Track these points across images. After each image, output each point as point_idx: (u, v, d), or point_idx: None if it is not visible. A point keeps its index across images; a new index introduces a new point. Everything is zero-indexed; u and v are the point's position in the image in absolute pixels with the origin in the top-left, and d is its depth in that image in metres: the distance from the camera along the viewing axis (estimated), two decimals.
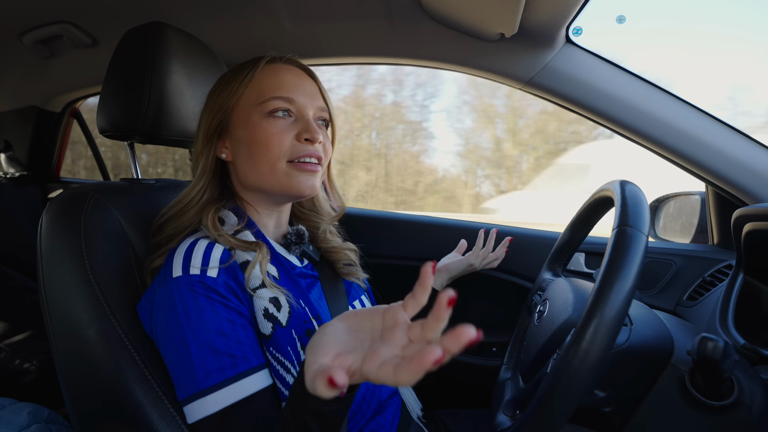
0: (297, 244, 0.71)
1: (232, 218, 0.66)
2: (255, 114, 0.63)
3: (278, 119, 0.63)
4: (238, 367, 0.55)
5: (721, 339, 0.47)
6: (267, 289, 0.60)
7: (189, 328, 0.54)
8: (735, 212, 0.76)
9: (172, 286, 0.56)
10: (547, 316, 0.68)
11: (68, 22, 1.13)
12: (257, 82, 0.65)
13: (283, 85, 0.64)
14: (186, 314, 0.55)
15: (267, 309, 0.59)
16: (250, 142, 0.64)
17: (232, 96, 0.65)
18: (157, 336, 0.58)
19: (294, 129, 0.64)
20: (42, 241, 0.64)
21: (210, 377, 0.53)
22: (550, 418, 0.47)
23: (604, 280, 0.46)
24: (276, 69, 0.66)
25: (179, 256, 0.59)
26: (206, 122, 0.67)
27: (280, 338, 0.59)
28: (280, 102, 0.63)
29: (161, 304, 0.57)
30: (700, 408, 0.52)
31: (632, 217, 0.51)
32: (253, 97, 0.64)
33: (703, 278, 0.98)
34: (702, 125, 0.90)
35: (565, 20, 0.84)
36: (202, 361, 0.53)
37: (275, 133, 0.63)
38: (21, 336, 1.36)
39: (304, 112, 0.65)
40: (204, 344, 0.54)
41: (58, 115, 1.57)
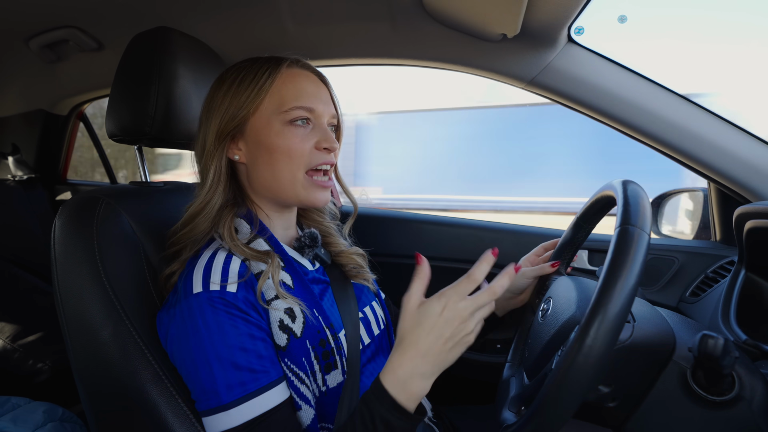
0: (311, 247, 0.71)
1: (245, 226, 0.66)
2: (276, 121, 0.64)
3: (299, 128, 0.64)
4: (260, 382, 0.55)
5: (721, 336, 0.48)
6: (281, 300, 0.61)
7: (210, 344, 0.55)
8: (737, 210, 0.76)
9: (193, 302, 0.57)
10: (551, 313, 0.69)
11: (74, 27, 1.14)
12: (277, 89, 0.64)
13: (303, 94, 0.65)
14: (207, 330, 0.55)
15: (282, 320, 0.60)
16: (272, 149, 0.64)
17: (251, 100, 0.64)
18: (174, 349, 0.59)
19: (313, 137, 0.65)
20: (56, 244, 0.65)
21: (232, 392, 0.54)
22: (555, 414, 0.48)
23: (607, 278, 0.47)
24: (295, 75, 0.66)
25: (199, 271, 0.59)
26: (218, 123, 0.65)
27: (294, 349, 0.60)
28: (301, 111, 0.64)
29: (181, 319, 0.57)
30: (702, 403, 0.53)
31: (634, 215, 0.52)
32: (274, 104, 0.64)
33: (706, 274, 0.99)
34: (704, 122, 0.91)
35: (567, 20, 0.85)
36: (225, 377, 0.54)
37: (297, 142, 0.64)
38: (34, 336, 1.38)
39: (321, 120, 0.66)
40: (225, 360, 0.55)
41: (64, 118, 1.59)
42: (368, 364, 0.70)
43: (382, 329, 0.76)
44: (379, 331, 0.75)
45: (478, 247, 1.25)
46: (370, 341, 0.72)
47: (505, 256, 1.20)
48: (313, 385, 0.61)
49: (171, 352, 0.60)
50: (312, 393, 0.61)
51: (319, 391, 0.62)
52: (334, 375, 0.63)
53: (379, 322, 0.76)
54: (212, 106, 0.66)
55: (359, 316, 0.71)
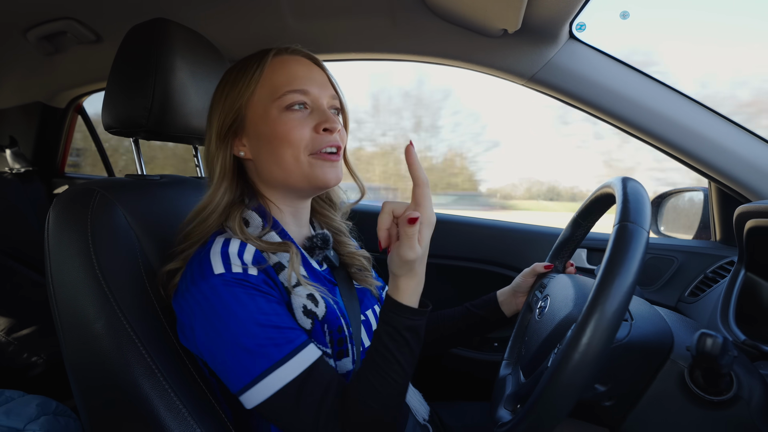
0: (321, 248, 0.70)
1: (256, 219, 0.65)
2: (272, 109, 0.63)
3: (295, 112, 0.63)
4: (302, 337, 0.57)
5: (720, 335, 0.48)
6: (303, 287, 0.61)
7: (247, 314, 0.55)
8: (737, 209, 0.76)
9: (216, 282, 0.56)
10: (548, 311, 0.68)
11: (72, 19, 1.14)
12: (268, 77, 0.64)
13: (295, 78, 0.64)
14: (239, 303, 0.55)
15: (306, 306, 0.61)
16: (271, 137, 0.63)
17: (243, 93, 0.64)
18: (204, 331, 0.56)
19: (312, 120, 0.64)
20: (49, 237, 0.65)
21: (282, 348, 0.55)
22: (550, 412, 0.48)
23: (605, 276, 0.47)
24: (285, 61, 0.65)
25: (216, 254, 0.59)
26: (218, 121, 0.65)
27: (319, 331, 0.61)
28: (296, 95, 0.63)
29: (205, 299, 0.56)
30: (699, 403, 0.52)
31: (633, 213, 0.51)
32: (266, 93, 0.64)
33: (705, 274, 0.98)
34: (705, 121, 0.90)
35: (568, 16, 0.84)
36: (269, 338, 0.55)
37: (295, 126, 0.63)
38: (29, 330, 1.37)
39: (319, 102, 0.65)
40: (266, 324, 0.55)
41: (62, 111, 1.58)
42: None
43: None
44: None
45: (477, 245, 1.25)
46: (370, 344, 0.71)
47: (508, 254, 1.21)
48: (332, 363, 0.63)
49: (201, 336, 0.57)
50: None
51: None
52: (345, 362, 0.64)
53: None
54: (213, 106, 0.67)
55: (361, 318, 0.71)
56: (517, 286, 0.87)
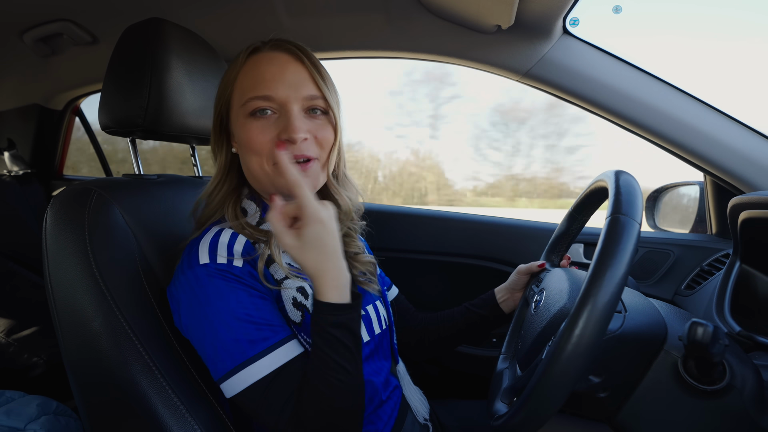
0: None
1: (252, 207, 0.67)
2: (241, 115, 0.62)
3: (259, 119, 0.60)
4: (279, 335, 0.57)
5: (710, 324, 0.48)
6: (291, 280, 0.62)
7: (226, 307, 0.55)
8: (731, 201, 0.76)
9: (201, 271, 0.57)
10: (543, 305, 0.69)
11: (68, 20, 1.14)
12: (240, 81, 0.63)
13: (260, 81, 0.60)
14: (220, 295, 0.56)
15: (295, 298, 0.61)
16: (241, 143, 0.64)
17: (224, 96, 0.65)
18: (190, 319, 0.58)
19: (276, 127, 0.60)
20: (47, 236, 0.65)
21: (256, 346, 0.55)
22: (544, 404, 0.48)
23: (597, 268, 0.47)
24: (257, 61, 0.62)
25: (205, 245, 0.60)
26: (215, 118, 0.68)
27: (309, 325, 0.61)
28: (258, 101, 0.60)
29: (190, 288, 0.57)
30: (693, 392, 0.53)
31: (625, 205, 0.52)
32: (237, 98, 0.63)
33: (701, 267, 0.99)
34: (699, 114, 0.90)
35: (561, 11, 0.84)
36: (246, 333, 0.55)
37: (257, 134, 0.60)
38: (29, 331, 1.38)
39: (288, 107, 0.60)
40: (244, 319, 0.55)
41: (59, 113, 1.58)
42: (365, 362, 0.69)
43: (383, 329, 0.75)
44: (380, 331, 0.74)
45: (473, 241, 1.25)
46: (370, 339, 0.71)
47: (502, 250, 1.21)
48: None
49: (185, 324, 0.59)
50: None
51: None
52: None
53: (381, 321, 0.75)
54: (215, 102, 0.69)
55: (361, 314, 0.71)
56: (513, 283, 0.87)
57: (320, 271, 0.55)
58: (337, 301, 0.56)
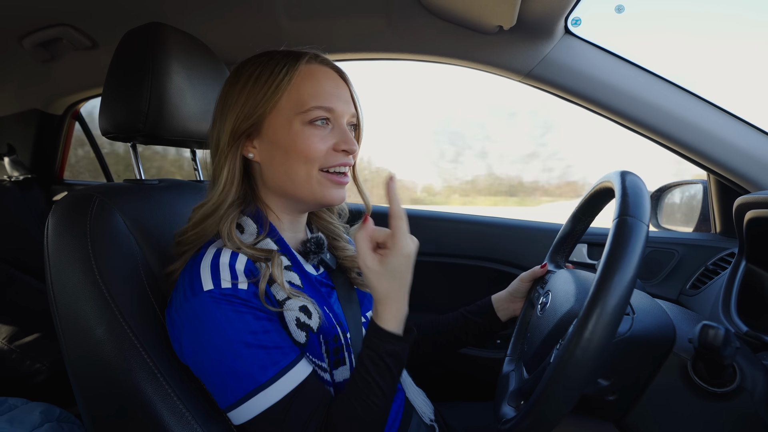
0: (315, 253, 0.70)
1: (251, 225, 0.64)
2: (296, 121, 0.61)
3: (318, 128, 0.62)
4: (289, 357, 0.56)
5: (722, 326, 0.48)
6: (294, 300, 0.60)
7: (234, 333, 0.54)
8: (737, 200, 0.76)
9: (205, 299, 0.55)
10: (549, 307, 0.68)
11: (67, 25, 1.14)
12: (296, 87, 0.62)
13: (323, 93, 0.62)
14: (228, 321, 0.55)
15: (299, 318, 0.60)
16: (290, 148, 0.62)
17: (269, 99, 0.61)
18: (193, 348, 0.57)
19: (332, 138, 0.63)
20: (49, 243, 0.65)
21: (266, 371, 0.54)
22: (554, 408, 0.48)
23: (605, 270, 0.47)
24: (314, 72, 0.63)
25: (206, 268, 0.58)
26: (234, 121, 0.62)
27: (314, 344, 0.61)
28: (321, 112, 0.62)
29: (195, 316, 0.56)
30: (703, 395, 0.52)
31: (633, 206, 0.51)
32: (292, 102, 0.62)
33: (706, 267, 0.98)
34: (702, 113, 0.90)
35: (563, 11, 0.84)
36: (255, 359, 0.54)
37: (316, 143, 0.62)
38: (31, 337, 1.37)
39: (341, 120, 0.64)
40: (253, 344, 0.55)
41: (59, 118, 1.58)
42: None
43: None
44: None
45: (476, 242, 1.25)
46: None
47: (505, 251, 1.21)
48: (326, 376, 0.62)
49: (188, 352, 0.57)
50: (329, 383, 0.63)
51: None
52: (342, 371, 0.63)
53: None
54: (227, 104, 0.64)
55: (362, 320, 0.71)
56: (515, 290, 0.86)
57: (389, 300, 0.59)
58: (395, 330, 0.59)
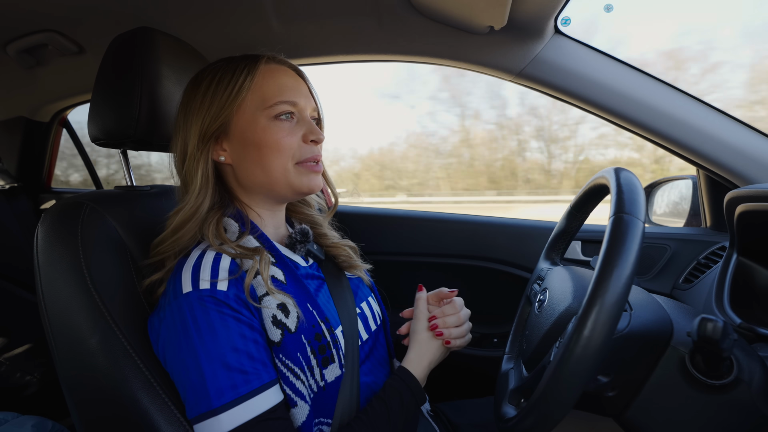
0: (302, 242, 0.71)
1: (233, 225, 0.65)
2: (262, 117, 0.63)
3: (284, 122, 0.64)
4: (251, 384, 0.54)
5: (720, 319, 0.48)
6: (272, 297, 0.60)
7: (200, 345, 0.54)
8: (727, 194, 0.77)
9: (182, 302, 0.55)
10: (547, 305, 0.69)
11: (53, 31, 1.12)
12: (258, 85, 0.64)
13: (285, 89, 0.65)
14: (197, 330, 0.54)
15: (275, 316, 0.59)
16: (260, 145, 0.63)
17: (233, 99, 0.63)
18: (166, 353, 0.57)
19: (299, 130, 0.65)
20: (39, 252, 0.63)
21: (223, 395, 0.53)
22: (556, 406, 0.48)
23: (604, 268, 0.47)
24: (274, 71, 0.66)
25: (188, 270, 0.58)
26: (200, 125, 0.63)
27: (289, 345, 0.59)
28: (286, 106, 0.64)
29: (171, 321, 0.56)
30: (701, 387, 0.53)
31: (628, 203, 0.51)
32: (257, 100, 0.64)
33: (698, 261, 1.00)
34: (691, 110, 0.91)
35: (553, 11, 0.85)
36: (215, 379, 0.53)
37: (284, 136, 0.64)
38: (21, 349, 1.35)
39: (305, 114, 0.67)
40: (216, 360, 0.53)
41: (46, 125, 1.55)
42: (366, 361, 0.70)
43: (378, 324, 0.76)
44: (376, 327, 0.75)
45: (472, 242, 1.25)
46: (368, 337, 0.72)
47: (501, 250, 1.21)
48: (310, 380, 0.61)
49: (163, 357, 0.58)
50: (308, 388, 0.61)
51: (317, 386, 0.61)
52: (332, 369, 0.62)
53: (375, 317, 0.76)
54: (190, 109, 0.65)
55: (357, 311, 0.71)
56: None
57: (433, 364, 0.70)
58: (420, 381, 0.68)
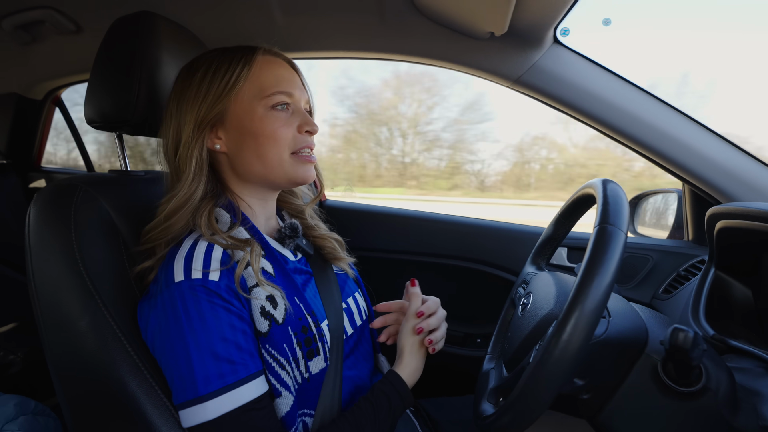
0: (291, 237, 0.72)
1: (225, 215, 0.65)
2: (259, 107, 0.64)
3: (280, 112, 0.66)
4: (238, 374, 0.55)
5: (691, 330, 0.50)
6: (261, 288, 0.61)
7: (190, 333, 0.54)
8: (708, 210, 0.79)
9: (174, 291, 0.56)
10: (530, 308, 0.71)
11: (51, 8, 1.10)
12: (255, 75, 0.65)
13: (282, 80, 0.66)
14: (188, 318, 0.55)
15: (264, 307, 0.60)
16: (257, 134, 0.64)
17: (231, 87, 0.64)
18: (155, 340, 0.58)
19: (294, 121, 0.67)
20: (30, 233, 0.63)
21: (210, 383, 0.54)
22: (531, 405, 0.50)
23: (585, 275, 0.49)
24: (270, 62, 0.67)
25: (180, 259, 0.59)
26: (196, 113, 0.63)
27: (276, 336, 0.60)
28: (282, 96, 0.66)
29: (162, 309, 0.56)
30: (671, 394, 0.55)
31: (613, 215, 0.53)
32: (254, 90, 0.65)
33: (678, 272, 1.03)
34: (681, 126, 0.94)
35: (553, 21, 0.86)
36: (203, 367, 0.54)
37: (281, 126, 0.65)
38: (5, 328, 1.33)
39: (299, 105, 0.68)
40: (205, 349, 0.54)
41: (39, 103, 1.53)
42: (351, 355, 0.71)
43: (364, 320, 0.78)
44: (362, 322, 0.77)
45: (462, 243, 1.27)
46: (353, 332, 0.73)
47: (490, 252, 1.24)
48: (295, 371, 0.62)
49: (151, 343, 0.59)
50: (293, 380, 0.62)
51: (301, 378, 0.62)
52: (317, 361, 0.64)
53: (361, 312, 0.78)
54: (185, 96, 0.65)
55: (343, 306, 0.72)
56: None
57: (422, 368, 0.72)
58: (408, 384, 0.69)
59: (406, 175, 4.89)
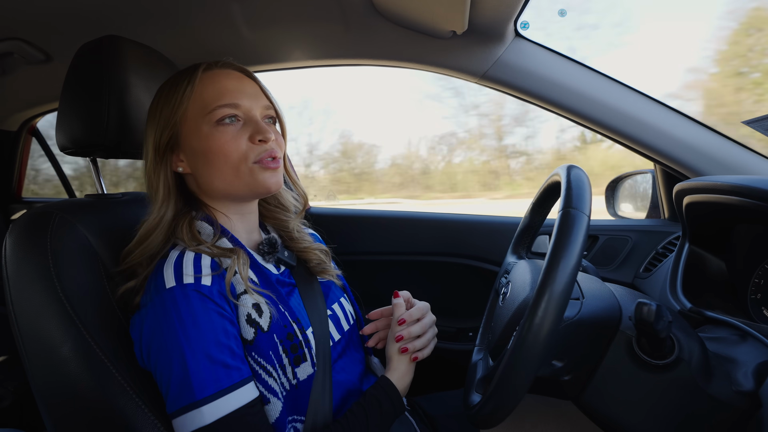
0: (270, 253, 0.72)
1: (207, 228, 0.66)
2: (204, 125, 0.64)
3: (227, 126, 0.64)
4: (233, 378, 0.56)
5: (653, 302, 0.52)
6: (249, 296, 0.62)
7: (185, 337, 0.55)
8: (675, 186, 0.82)
9: (166, 297, 0.56)
10: (509, 296, 0.72)
11: (18, 39, 1.10)
12: (198, 93, 0.65)
13: (225, 92, 0.64)
14: (181, 323, 0.55)
15: (250, 315, 0.61)
16: (207, 152, 0.64)
17: (176, 109, 0.65)
18: (150, 349, 0.57)
19: (245, 132, 0.65)
20: (7, 263, 0.64)
21: (206, 388, 0.54)
22: (511, 391, 0.51)
23: (551, 260, 0.50)
24: (214, 76, 0.66)
25: (170, 267, 0.59)
26: (155, 138, 0.66)
27: (261, 343, 0.61)
28: (226, 109, 0.64)
29: (154, 315, 0.57)
30: (648, 368, 0.57)
31: (575, 199, 0.55)
32: (198, 108, 0.64)
33: (656, 250, 1.05)
34: (645, 108, 0.96)
35: (511, 15, 0.88)
36: (198, 371, 0.54)
37: (228, 140, 0.63)
38: None
39: (251, 114, 0.66)
40: (200, 353, 0.54)
41: (15, 134, 1.53)
42: (339, 359, 0.72)
43: (351, 324, 0.78)
44: (349, 327, 0.77)
45: (445, 239, 1.28)
46: (341, 337, 0.73)
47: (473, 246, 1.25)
48: (282, 378, 0.62)
49: (146, 353, 0.58)
50: (280, 386, 0.62)
51: (289, 384, 0.63)
52: (304, 367, 0.64)
53: (348, 317, 0.78)
54: (148, 123, 0.68)
55: (328, 313, 0.72)
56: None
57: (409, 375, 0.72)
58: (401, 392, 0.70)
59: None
